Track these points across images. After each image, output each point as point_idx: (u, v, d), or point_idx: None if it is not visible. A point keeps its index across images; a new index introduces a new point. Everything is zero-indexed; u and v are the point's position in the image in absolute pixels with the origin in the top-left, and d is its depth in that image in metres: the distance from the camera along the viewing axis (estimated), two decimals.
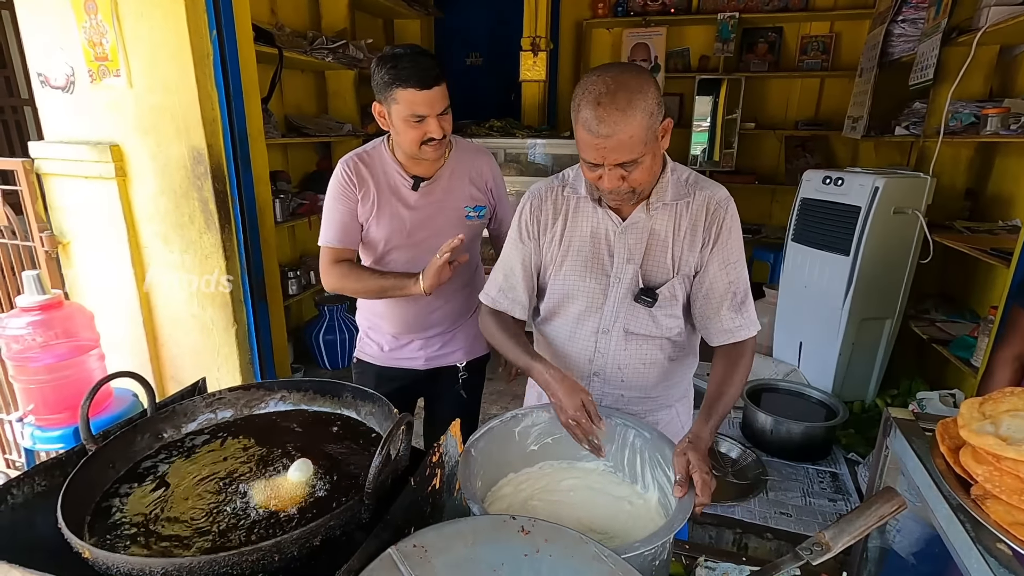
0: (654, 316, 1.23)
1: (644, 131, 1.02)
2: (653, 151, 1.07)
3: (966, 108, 2.64)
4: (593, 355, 1.29)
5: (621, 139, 1.02)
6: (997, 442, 0.59)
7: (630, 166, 1.06)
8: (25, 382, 1.87)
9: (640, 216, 1.19)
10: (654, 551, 0.85)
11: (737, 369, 1.18)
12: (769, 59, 4.66)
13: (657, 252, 1.21)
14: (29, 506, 0.79)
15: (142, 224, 2.23)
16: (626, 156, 1.04)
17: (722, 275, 1.19)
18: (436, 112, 1.42)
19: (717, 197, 1.20)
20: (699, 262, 1.20)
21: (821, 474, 2.28)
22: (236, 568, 0.64)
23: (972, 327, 2.50)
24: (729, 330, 1.20)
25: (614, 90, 1.00)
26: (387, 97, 1.42)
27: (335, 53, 3.57)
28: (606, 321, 1.25)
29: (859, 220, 2.57)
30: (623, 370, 1.28)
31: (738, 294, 1.20)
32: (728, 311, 1.20)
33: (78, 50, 2.07)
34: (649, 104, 1.02)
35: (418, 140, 1.44)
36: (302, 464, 0.86)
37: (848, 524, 0.76)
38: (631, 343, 1.26)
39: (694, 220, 1.19)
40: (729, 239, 1.19)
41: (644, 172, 1.08)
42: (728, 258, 1.19)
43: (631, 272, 1.21)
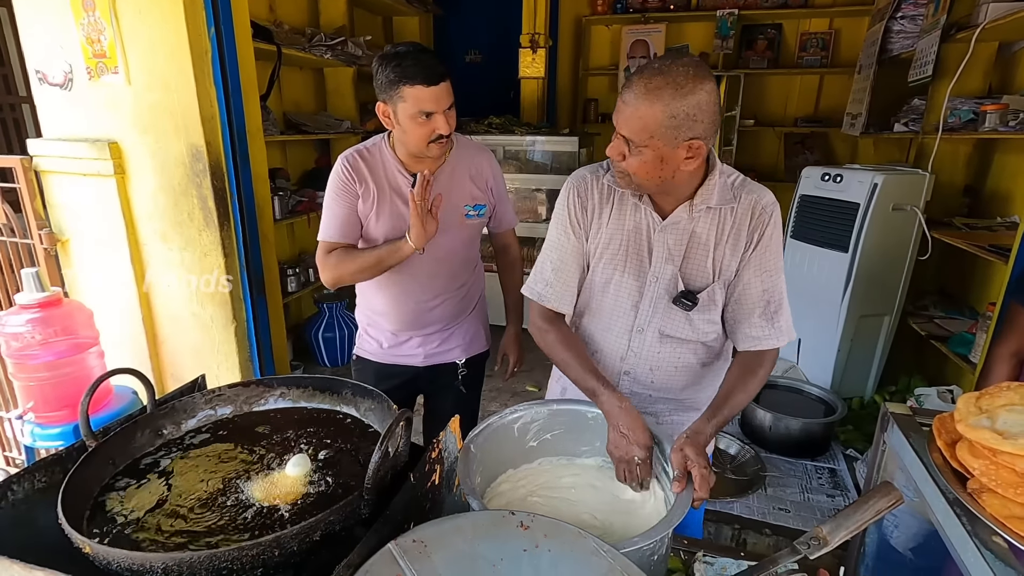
0: (691, 320, 1.20)
1: (655, 123, 0.99)
2: (661, 154, 1.03)
3: (965, 104, 2.64)
4: (626, 353, 1.26)
5: (631, 114, 1.01)
6: (993, 436, 0.60)
7: (631, 148, 1.04)
8: (25, 379, 1.87)
9: (681, 216, 1.16)
10: (653, 546, 0.86)
11: (753, 377, 1.16)
12: (768, 56, 4.66)
13: (698, 255, 1.18)
14: (29, 502, 0.80)
15: (141, 222, 2.22)
16: (627, 132, 1.03)
17: (757, 281, 1.16)
18: (443, 108, 1.41)
19: (763, 201, 1.16)
20: (738, 267, 1.18)
21: (820, 470, 2.29)
22: (236, 563, 0.64)
23: (971, 323, 2.50)
24: (757, 337, 1.18)
25: (657, 72, 0.99)
26: (393, 96, 1.41)
27: (334, 50, 3.57)
28: (641, 320, 1.23)
29: (858, 217, 2.57)
30: (654, 371, 1.26)
31: (772, 303, 1.17)
32: (760, 318, 1.17)
33: (76, 47, 2.06)
34: (677, 106, 0.98)
35: (426, 138, 1.43)
36: (300, 459, 0.86)
37: (845, 519, 0.76)
38: (665, 345, 1.24)
39: (739, 224, 1.16)
40: (769, 245, 1.16)
41: (641, 166, 1.05)
42: (765, 265, 1.16)
43: (670, 273, 1.19)
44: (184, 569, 0.63)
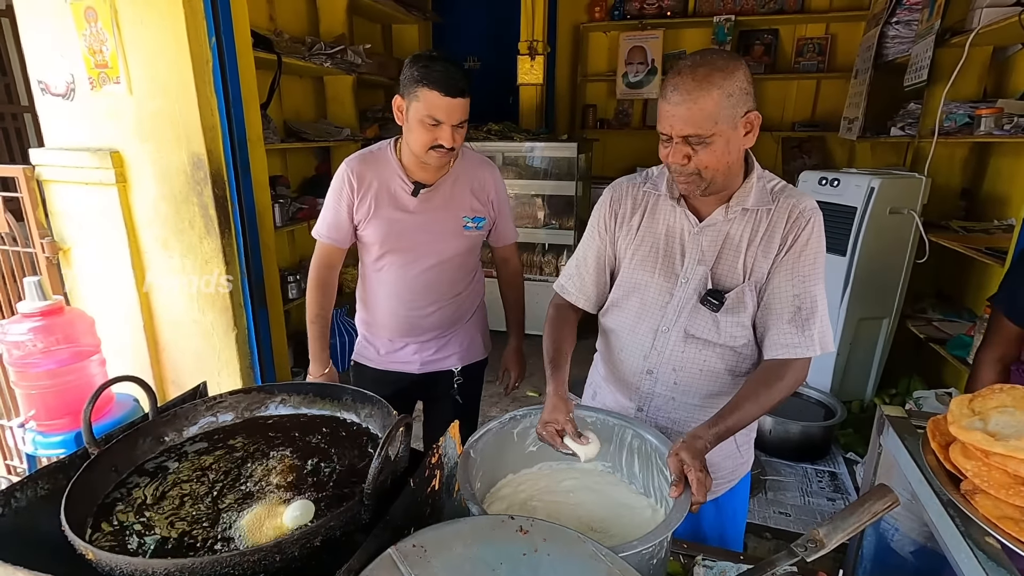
0: (717, 321, 1.18)
1: (717, 107, 1.00)
2: (727, 137, 1.04)
3: (960, 109, 2.66)
4: (649, 352, 1.25)
5: (691, 109, 1.01)
6: (985, 438, 0.60)
7: (697, 144, 1.04)
8: (26, 388, 1.87)
9: (718, 218, 1.16)
10: (652, 550, 0.86)
11: (768, 389, 1.10)
12: (765, 61, 4.69)
13: (730, 256, 1.17)
14: (33, 509, 0.80)
15: (142, 229, 2.24)
16: (693, 128, 1.02)
17: (788, 285, 1.13)
18: (452, 122, 1.43)
19: (802, 206, 1.14)
20: (770, 269, 1.15)
21: (820, 473, 2.29)
22: (238, 568, 0.65)
23: (968, 326, 2.51)
24: (785, 345, 1.13)
25: (698, 64, 1.01)
26: (410, 93, 1.43)
27: (333, 59, 3.59)
28: (667, 320, 1.22)
29: (855, 220, 2.59)
30: (677, 372, 1.24)
31: (804, 309, 1.12)
32: (789, 324, 1.13)
33: (78, 57, 2.08)
34: (729, 85, 1.00)
35: (427, 144, 1.45)
36: (302, 506, 0.79)
37: (842, 521, 0.76)
38: (690, 346, 1.21)
39: (773, 226, 1.14)
40: (804, 250, 1.13)
41: (712, 156, 1.05)
42: (799, 270, 1.13)
43: (701, 274, 1.18)
44: (186, 574, 0.63)
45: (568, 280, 1.34)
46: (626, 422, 1.16)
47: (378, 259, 1.62)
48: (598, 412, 1.20)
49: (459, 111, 1.43)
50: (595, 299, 1.33)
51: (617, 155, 5.21)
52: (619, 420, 1.16)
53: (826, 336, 1.14)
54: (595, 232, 1.31)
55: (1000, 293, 1.38)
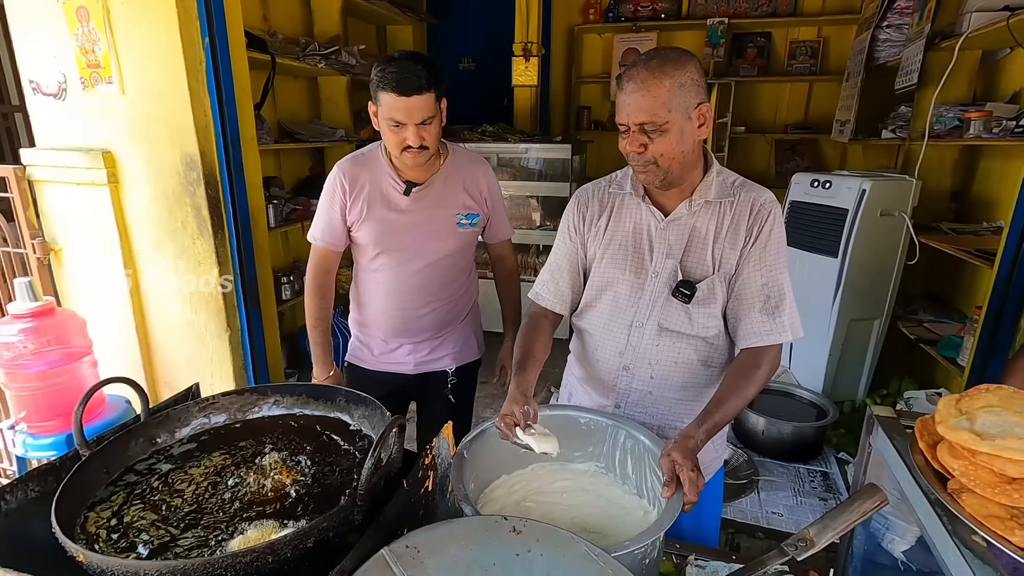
0: (690, 313, 1.22)
1: (669, 95, 1.06)
2: (681, 127, 1.09)
3: (950, 112, 2.68)
4: (624, 348, 1.28)
5: (644, 97, 1.06)
6: (972, 437, 0.61)
7: (652, 132, 1.09)
8: (17, 389, 1.85)
9: (682, 212, 1.21)
10: (644, 550, 0.87)
11: (748, 380, 1.15)
12: (759, 64, 4.72)
13: (697, 249, 1.21)
14: (23, 512, 0.80)
15: (135, 230, 2.23)
16: (647, 116, 1.07)
17: (757, 275, 1.18)
18: (414, 121, 1.42)
19: (763, 199, 1.20)
20: (738, 261, 1.20)
21: (812, 473, 2.30)
22: (231, 570, 0.65)
23: (958, 327, 2.53)
24: (757, 333, 1.18)
25: (651, 57, 1.09)
26: (375, 97, 1.45)
27: (328, 59, 3.58)
28: (640, 315, 1.25)
29: (847, 222, 2.61)
30: (653, 366, 1.27)
31: (772, 298, 1.18)
32: (760, 313, 1.18)
33: (70, 57, 2.07)
34: (681, 75, 1.06)
35: (398, 145, 1.46)
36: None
37: (832, 520, 0.77)
38: (664, 339, 1.25)
39: (737, 219, 1.19)
40: (769, 241, 1.18)
41: (667, 144, 1.10)
42: (765, 259, 1.18)
43: (670, 267, 1.22)
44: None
45: (543, 287, 1.37)
46: (619, 423, 1.16)
47: (373, 259, 1.63)
48: (592, 413, 1.20)
49: (419, 109, 1.41)
50: (571, 302, 1.35)
51: (611, 156, 5.23)
52: (613, 421, 1.17)
53: (795, 322, 1.20)
54: (565, 237, 1.34)
55: None
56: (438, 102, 1.46)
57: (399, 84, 1.38)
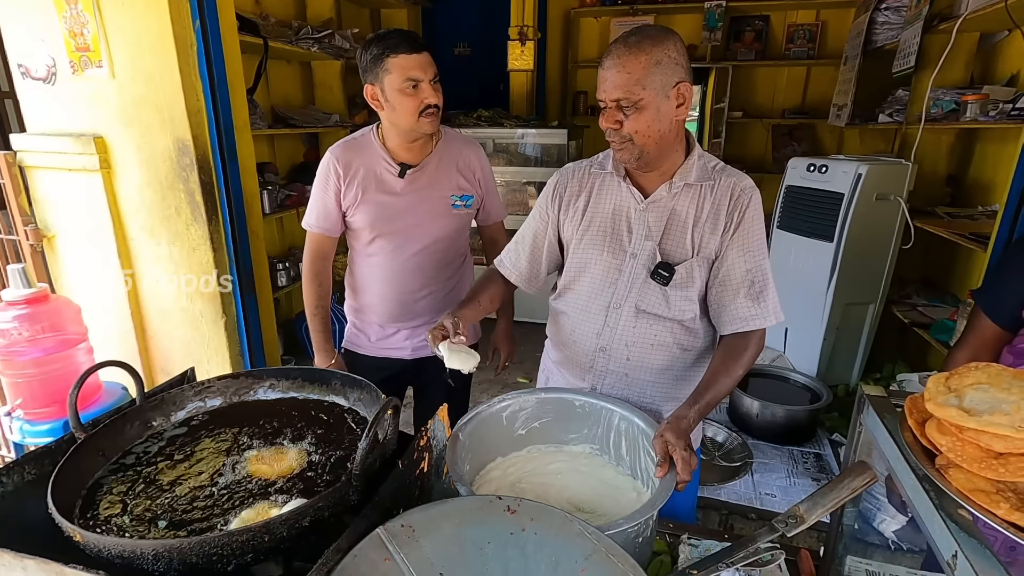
0: (667, 296, 1.22)
1: (646, 73, 1.06)
2: (657, 105, 1.08)
3: (947, 95, 2.67)
4: (602, 329, 1.28)
5: (619, 73, 1.07)
6: (959, 413, 0.62)
7: (629, 109, 1.09)
8: (12, 376, 1.86)
9: (662, 194, 1.21)
10: (637, 528, 0.88)
11: (736, 361, 1.17)
12: (756, 48, 4.68)
13: (676, 232, 1.21)
14: (20, 494, 0.80)
15: (128, 216, 2.21)
16: (621, 92, 1.08)
17: (741, 262, 1.18)
18: (429, 77, 1.44)
19: (742, 184, 1.20)
20: (719, 247, 1.20)
21: (806, 455, 2.33)
22: (226, 548, 0.65)
23: (952, 311, 2.55)
24: (742, 318, 1.19)
25: (630, 35, 1.09)
26: (379, 72, 1.44)
27: (321, 43, 3.54)
28: (618, 296, 1.25)
29: (842, 206, 2.61)
30: (630, 348, 1.27)
31: (757, 283, 1.18)
32: (745, 299, 1.18)
33: (59, 41, 2.04)
34: (659, 54, 1.06)
35: (416, 110, 1.45)
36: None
37: (822, 497, 0.78)
38: (641, 321, 1.25)
39: (717, 204, 1.19)
40: (751, 227, 1.18)
41: (642, 122, 1.09)
42: (748, 245, 1.18)
43: (649, 249, 1.22)
44: (174, 555, 0.64)
45: (506, 254, 1.40)
46: (614, 405, 1.17)
47: (368, 244, 1.62)
48: (587, 396, 1.21)
49: (430, 64, 1.45)
50: (526, 275, 1.37)
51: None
52: (606, 403, 1.18)
53: (777, 307, 1.22)
54: (537, 213, 1.36)
55: (982, 287, 1.32)
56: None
57: (409, 43, 1.41)
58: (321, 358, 1.68)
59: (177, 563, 0.64)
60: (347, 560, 0.68)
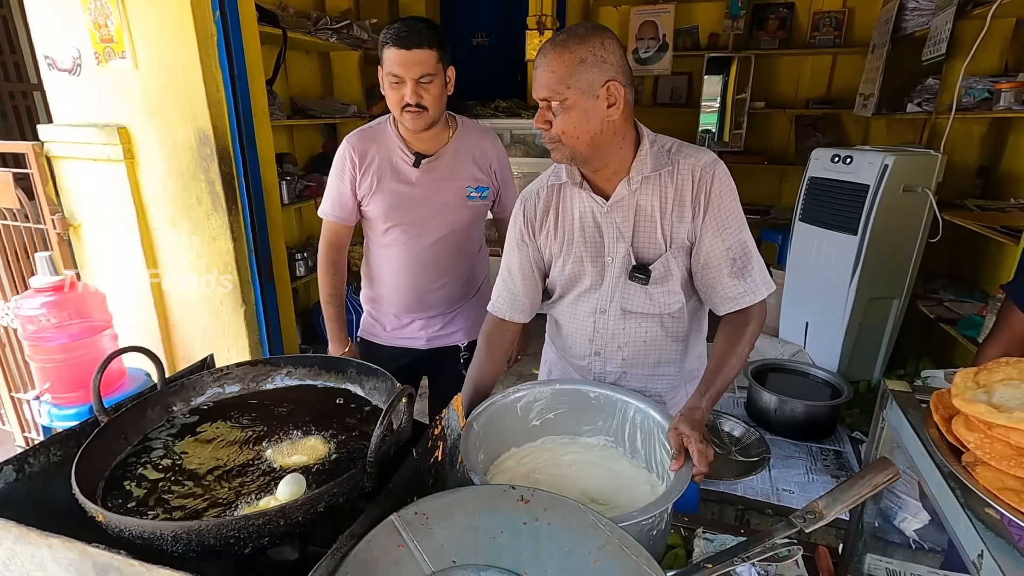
0: (649, 293, 1.21)
1: (568, 71, 1.04)
2: (584, 106, 1.06)
3: (979, 83, 2.58)
4: (593, 335, 1.29)
5: (544, 72, 1.06)
6: (988, 409, 0.60)
7: (557, 109, 1.07)
8: (41, 361, 1.91)
9: (623, 192, 1.18)
10: (652, 521, 0.87)
11: (740, 339, 1.15)
12: (780, 36, 4.58)
13: (646, 228, 1.19)
14: (45, 475, 0.82)
15: (150, 206, 2.25)
16: (546, 92, 1.06)
17: (717, 242, 1.16)
18: (412, 76, 1.42)
19: (702, 163, 1.16)
20: (692, 233, 1.17)
21: (825, 452, 2.29)
22: (243, 531, 0.66)
23: (981, 306, 2.48)
24: (732, 297, 1.17)
25: (560, 33, 1.08)
26: (381, 57, 1.46)
27: (339, 34, 3.55)
28: (603, 301, 1.25)
29: (867, 199, 2.54)
30: (623, 349, 1.28)
31: (738, 260, 1.16)
32: (729, 278, 1.16)
33: (84, 32, 2.07)
34: (582, 51, 1.03)
35: (397, 103, 1.47)
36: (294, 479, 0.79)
37: (842, 493, 0.77)
38: (629, 321, 1.25)
39: (680, 190, 1.16)
40: (720, 204, 1.15)
41: (570, 123, 1.07)
42: (722, 223, 1.16)
43: (623, 250, 1.20)
44: (193, 537, 0.65)
45: (498, 298, 1.35)
46: (629, 397, 1.16)
47: (384, 234, 1.63)
48: (603, 388, 1.20)
49: (417, 64, 1.42)
50: (529, 308, 1.34)
51: None
52: (622, 395, 1.17)
53: (766, 277, 1.18)
54: (514, 245, 1.32)
55: (1014, 280, 1.26)
56: (441, 65, 1.45)
57: (399, 38, 1.40)
58: (335, 346, 1.70)
59: (196, 544, 0.65)
60: (361, 546, 0.69)
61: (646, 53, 4.80)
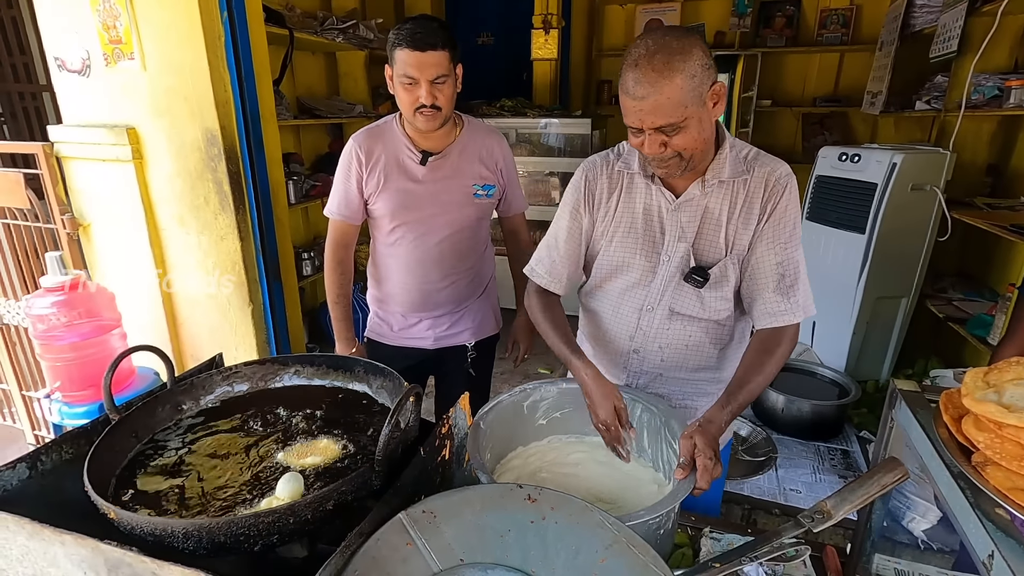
0: (702, 297, 1.18)
1: (684, 94, 0.98)
2: (699, 116, 1.02)
3: (989, 80, 2.56)
4: (634, 332, 1.26)
5: (659, 101, 0.99)
6: (999, 409, 0.60)
7: (671, 131, 1.02)
8: (51, 360, 1.93)
9: (695, 193, 1.15)
10: (659, 520, 0.87)
11: (769, 358, 1.12)
12: (787, 34, 4.55)
13: (710, 231, 1.17)
14: (58, 472, 0.83)
15: (159, 206, 2.27)
16: (664, 119, 1.01)
17: (770, 254, 1.13)
18: (427, 77, 1.42)
19: (777, 173, 1.14)
20: (752, 241, 1.15)
21: (832, 451, 2.28)
22: (253, 529, 0.67)
23: (990, 305, 2.46)
24: (772, 313, 1.14)
25: (653, 52, 0.98)
26: (391, 59, 1.45)
27: (345, 34, 3.56)
28: (651, 299, 1.22)
29: (875, 197, 2.52)
30: (663, 350, 1.25)
31: (787, 276, 1.13)
32: (774, 293, 1.14)
33: (93, 33, 2.09)
34: (691, 66, 0.98)
35: (411, 105, 1.46)
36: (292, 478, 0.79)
37: (850, 493, 0.77)
38: (675, 323, 1.22)
39: (751, 197, 1.14)
40: (783, 217, 1.13)
41: (688, 138, 1.04)
42: (779, 236, 1.13)
43: (682, 251, 1.17)
44: (203, 534, 0.66)
45: (538, 264, 1.31)
46: (636, 396, 1.16)
47: (390, 233, 1.63)
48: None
49: (432, 65, 1.41)
50: (567, 282, 1.30)
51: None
52: (630, 395, 1.17)
53: (808, 301, 1.16)
54: (568, 212, 1.27)
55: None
56: (452, 64, 1.45)
57: (413, 39, 1.39)
58: (342, 346, 1.70)
59: (206, 541, 0.66)
60: (369, 543, 0.69)
61: None
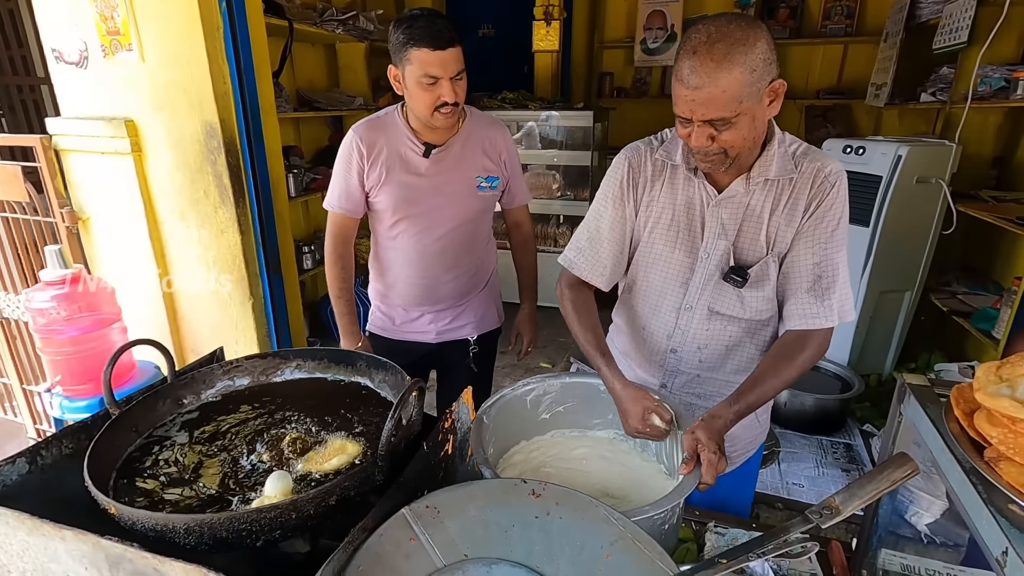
0: (742, 296, 1.13)
1: (741, 87, 0.92)
2: (753, 113, 0.96)
3: (996, 72, 2.54)
4: (672, 331, 1.21)
5: (712, 92, 0.92)
6: (1012, 404, 0.59)
7: (721, 125, 0.96)
8: (52, 354, 1.92)
9: (738, 190, 1.10)
10: (664, 515, 0.86)
11: (789, 362, 1.07)
12: (791, 25, 4.51)
13: (751, 228, 1.11)
14: (58, 467, 0.82)
15: (158, 199, 2.25)
16: (716, 113, 0.94)
17: (808, 253, 1.08)
18: (449, 75, 1.40)
19: (826, 170, 1.07)
20: (793, 237, 1.10)
21: (835, 445, 2.28)
22: (255, 524, 0.66)
23: (995, 299, 2.45)
24: (802, 315, 1.09)
25: (714, 39, 0.91)
26: (402, 59, 1.41)
27: (345, 25, 3.53)
28: (690, 297, 1.17)
29: (880, 190, 2.51)
30: (702, 350, 1.20)
31: (823, 278, 1.07)
32: (808, 294, 1.08)
33: (91, 25, 2.07)
34: (752, 59, 0.91)
35: (431, 104, 1.43)
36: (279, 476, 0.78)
37: (859, 488, 0.76)
38: (714, 323, 1.17)
39: (797, 193, 1.08)
40: (827, 215, 1.07)
41: (737, 135, 0.98)
42: (819, 236, 1.07)
43: (722, 248, 1.12)
44: (205, 529, 0.65)
45: (578, 255, 1.24)
46: None
47: (392, 226, 1.62)
48: None
49: (452, 62, 1.39)
50: (610, 275, 1.23)
51: (634, 124, 5.09)
52: None
53: (845, 305, 1.10)
54: (610, 200, 1.20)
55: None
56: (464, 57, 1.43)
57: (433, 38, 1.36)
58: (348, 341, 1.69)
59: (207, 537, 0.65)
60: (373, 539, 0.69)
61: (654, 43, 4.75)
